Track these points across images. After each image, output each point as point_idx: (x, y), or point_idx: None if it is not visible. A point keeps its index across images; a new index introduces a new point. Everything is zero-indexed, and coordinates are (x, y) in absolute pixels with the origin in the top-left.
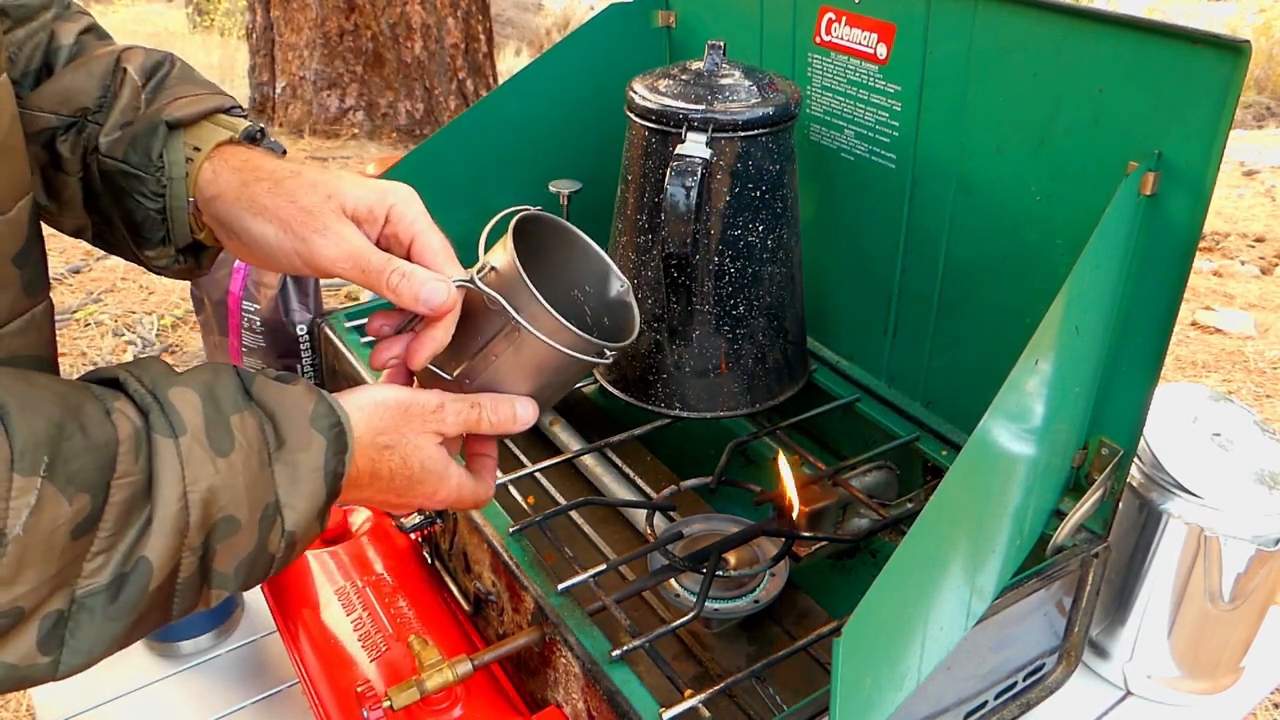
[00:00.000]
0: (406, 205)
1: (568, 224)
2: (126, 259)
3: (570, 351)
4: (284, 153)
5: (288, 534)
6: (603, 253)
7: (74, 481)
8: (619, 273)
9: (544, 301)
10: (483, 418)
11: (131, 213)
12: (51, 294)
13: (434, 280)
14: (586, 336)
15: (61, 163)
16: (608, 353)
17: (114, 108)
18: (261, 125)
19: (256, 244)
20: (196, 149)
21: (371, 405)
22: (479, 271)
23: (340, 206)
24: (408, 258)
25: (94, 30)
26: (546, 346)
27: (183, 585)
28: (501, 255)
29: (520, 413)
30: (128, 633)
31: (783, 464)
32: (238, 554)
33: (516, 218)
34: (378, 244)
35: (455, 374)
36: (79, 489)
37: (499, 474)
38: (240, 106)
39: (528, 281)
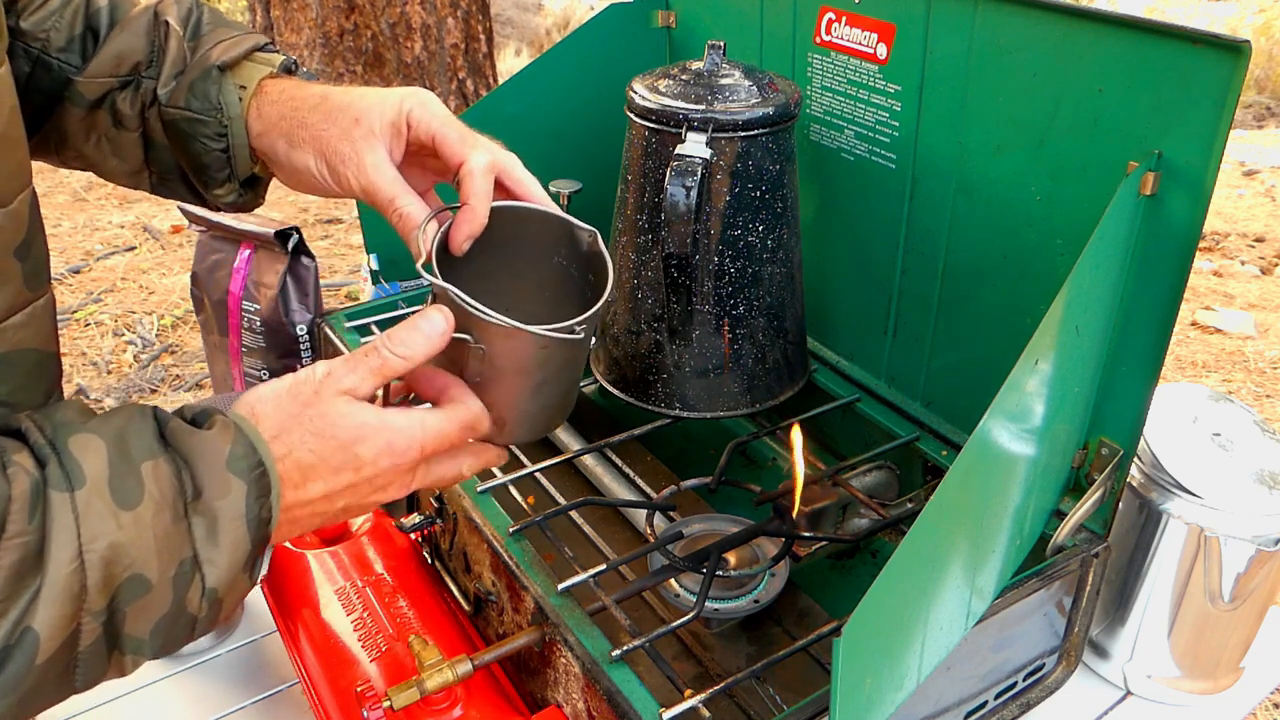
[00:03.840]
0: (420, 109)
1: (515, 203)
2: (184, 200)
3: (537, 346)
4: (315, 78)
5: (209, 591)
6: (560, 213)
7: None
8: (581, 224)
9: (470, 304)
10: (385, 358)
11: (199, 156)
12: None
13: (418, 233)
14: (536, 330)
15: (123, 120)
16: (578, 329)
17: (165, 60)
18: (295, 58)
19: (299, 173)
20: (243, 87)
21: (255, 401)
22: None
23: (369, 131)
24: (435, 154)
25: None
26: (512, 348)
27: (86, 654)
28: (436, 280)
29: (427, 328)
30: (14, 712)
31: (795, 436)
32: (152, 616)
33: (440, 233)
34: (412, 150)
35: None
36: None
37: (499, 474)
38: (271, 42)
39: (460, 296)
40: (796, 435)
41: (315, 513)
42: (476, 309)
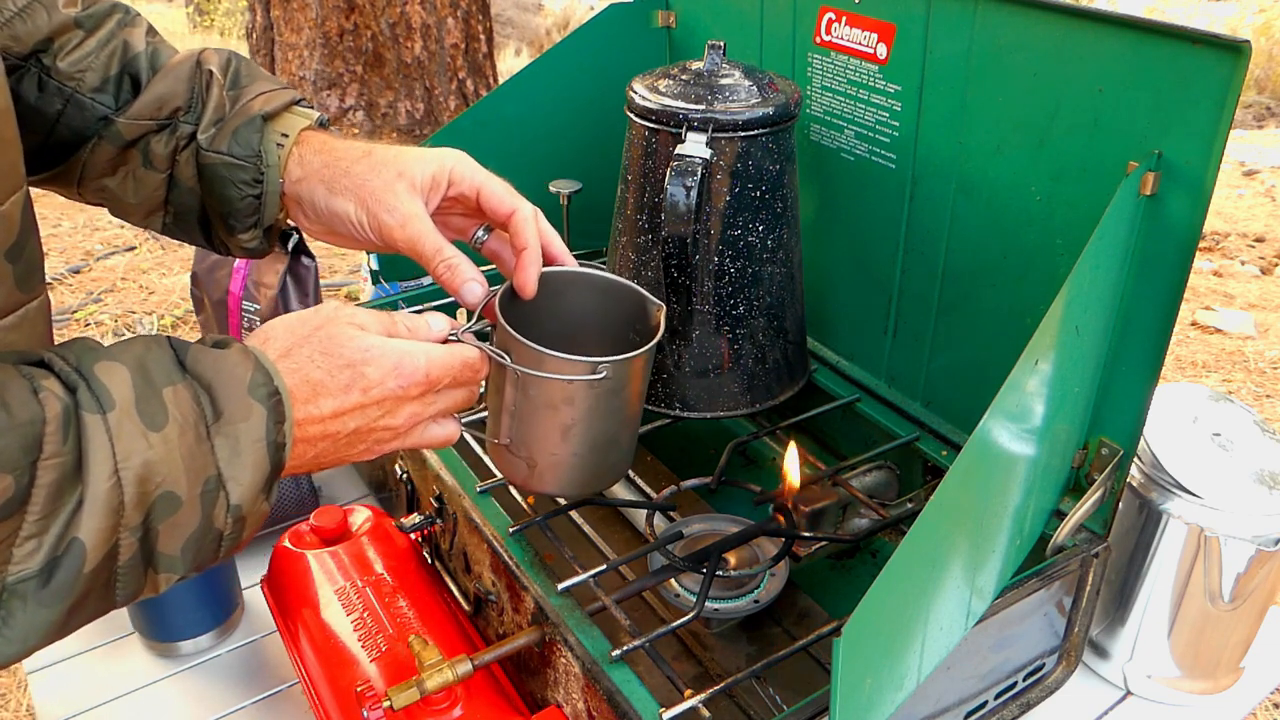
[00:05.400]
0: (463, 165)
1: (598, 272)
2: (192, 242)
3: (555, 375)
4: (339, 133)
5: (234, 508)
6: (635, 286)
7: None
8: (651, 297)
9: (512, 331)
10: (395, 318)
11: (232, 201)
12: (51, 294)
13: (472, 281)
14: (561, 355)
15: (153, 160)
16: (600, 368)
17: (206, 106)
18: (326, 115)
19: (338, 219)
20: (285, 135)
21: (267, 328)
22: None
23: (411, 184)
24: (478, 207)
25: (150, 29)
26: (536, 377)
27: (124, 569)
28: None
29: (432, 323)
30: (64, 620)
31: (790, 454)
32: (183, 533)
33: (503, 291)
34: (444, 204)
35: (500, 439)
36: (0, 469)
37: (499, 474)
38: (304, 98)
39: (502, 321)
40: (792, 452)
41: (327, 433)
42: (508, 331)
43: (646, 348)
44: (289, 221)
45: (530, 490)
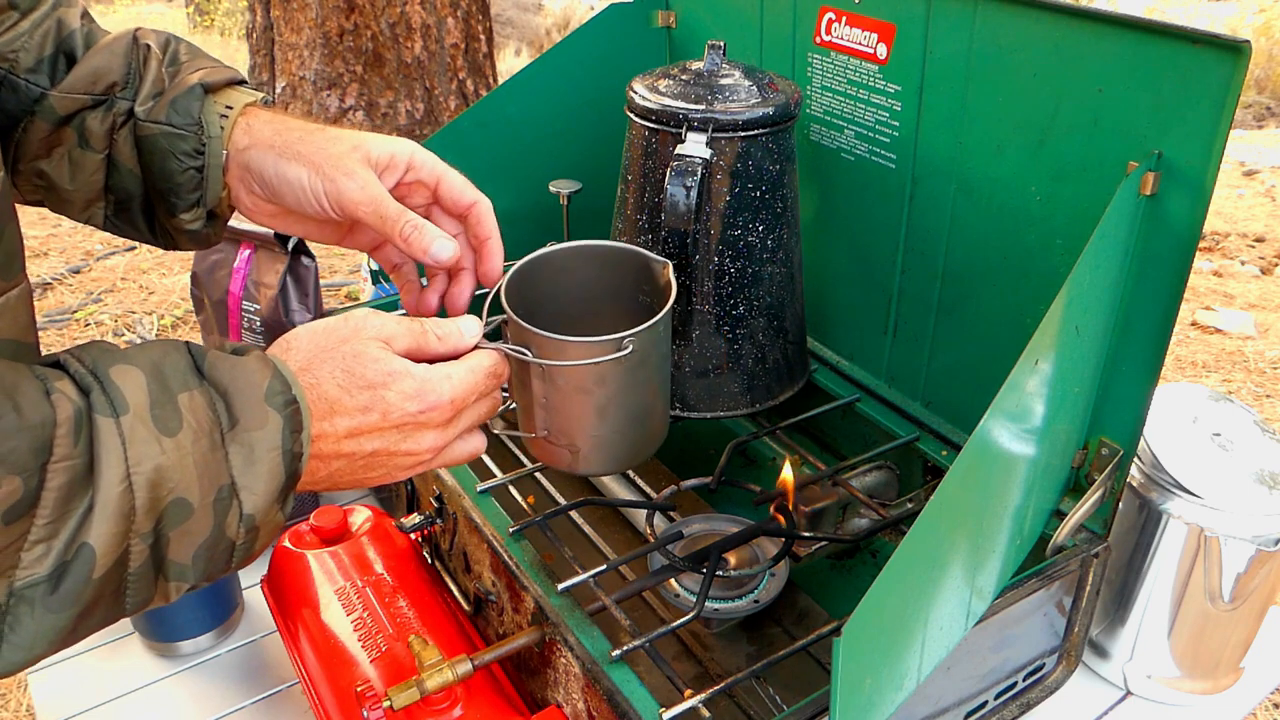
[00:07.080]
0: (422, 153)
1: (595, 242)
2: (136, 237)
3: (583, 361)
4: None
5: (247, 518)
6: (636, 248)
7: (3, 463)
8: (655, 256)
9: (528, 326)
10: (426, 330)
11: (173, 175)
12: (51, 294)
13: (443, 238)
14: (584, 340)
15: (90, 139)
16: (625, 343)
17: (144, 80)
18: (270, 96)
19: (288, 185)
20: (229, 108)
21: (291, 336)
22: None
23: (366, 156)
24: (435, 197)
25: (85, 13)
26: (563, 366)
27: (135, 576)
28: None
29: (466, 326)
30: (72, 626)
31: (786, 469)
32: (194, 541)
33: (514, 268)
34: (398, 190)
35: (535, 433)
36: (9, 470)
37: (499, 474)
38: (245, 80)
39: (514, 317)
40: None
41: (341, 452)
42: (525, 326)
43: (665, 309)
44: (231, 206)
45: (578, 473)
